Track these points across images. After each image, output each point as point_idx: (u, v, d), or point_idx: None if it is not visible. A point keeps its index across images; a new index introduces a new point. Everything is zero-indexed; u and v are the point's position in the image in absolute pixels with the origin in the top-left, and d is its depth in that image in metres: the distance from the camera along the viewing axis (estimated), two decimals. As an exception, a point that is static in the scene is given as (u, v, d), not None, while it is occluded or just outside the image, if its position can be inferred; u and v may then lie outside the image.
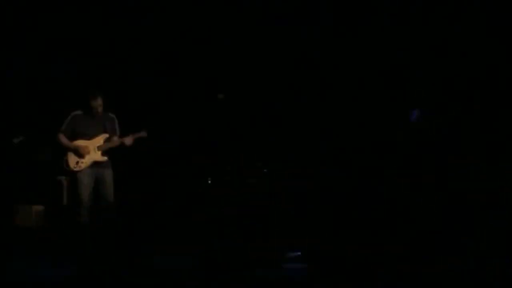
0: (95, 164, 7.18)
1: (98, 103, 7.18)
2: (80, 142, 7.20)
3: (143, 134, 7.31)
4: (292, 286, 6.08)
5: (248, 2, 8.97)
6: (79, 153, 7.16)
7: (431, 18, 8.80)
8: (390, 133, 7.89)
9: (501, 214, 7.04)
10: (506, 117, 8.17)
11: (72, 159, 7.17)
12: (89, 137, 7.23)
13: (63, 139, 7.22)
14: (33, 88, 8.85)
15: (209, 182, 7.27)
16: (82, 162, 7.14)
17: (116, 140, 7.26)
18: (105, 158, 7.22)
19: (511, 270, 6.20)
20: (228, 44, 8.99)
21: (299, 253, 6.87)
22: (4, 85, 8.74)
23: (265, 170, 7.86)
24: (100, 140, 7.24)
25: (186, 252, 6.84)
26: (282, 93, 8.88)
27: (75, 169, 7.13)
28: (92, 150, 7.19)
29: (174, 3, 9.02)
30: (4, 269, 6.67)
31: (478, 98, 7.97)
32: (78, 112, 7.29)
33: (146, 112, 8.62)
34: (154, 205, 8.33)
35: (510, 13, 8.42)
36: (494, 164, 7.34)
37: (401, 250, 6.86)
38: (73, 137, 7.23)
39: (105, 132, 7.27)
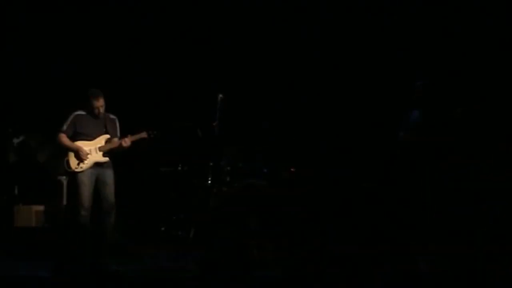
0: (97, 165, 7.16)
1: (100, 103, 7.15)
2: (82, 143, 7.17)
3: (142, 135, 7.26)
4: (292, 286, 6.08)
5: (248, 2, 8.97)
6: (81, 154, 7.13)
7: (431, 18, 8.81)
8: (390, 134, 7.89)
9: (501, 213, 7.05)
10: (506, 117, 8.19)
11: (73, 160, 7.14)
12: (91, 137, 7.19)
13: (65, 139, 7.17)
14: (33, 88, 8.85)
15: (209, 182, 7.26)
16: (83, 163, 7.11)
17: (116, 141, 7.24)
18: (106, 159, 7.20)
19: (511, 270, 6.21)
20: (228, 44, 9.00)
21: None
22: (4, 85, 8.74)
23: (265, 170, 7.86)
24: (101, 140, 7.21)
25: (186, 252, 6.84)
26: (282, 93, 8.89)
27: (76, 170, 7.11)
28: (93, 151, 7.17)
29: (174, 3, 9.03)
30: (3, 269, 6.67)
31: (478, 98, 7.98)
32: (80, 112, 7.25)
33: (146, 112, 8.63)
34: (154, 205, 8.33)
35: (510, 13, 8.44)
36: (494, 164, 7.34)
37: (400, 250, 6.86)
38: (74, 138, 7.20)
39: (106, 132, 7.25)
